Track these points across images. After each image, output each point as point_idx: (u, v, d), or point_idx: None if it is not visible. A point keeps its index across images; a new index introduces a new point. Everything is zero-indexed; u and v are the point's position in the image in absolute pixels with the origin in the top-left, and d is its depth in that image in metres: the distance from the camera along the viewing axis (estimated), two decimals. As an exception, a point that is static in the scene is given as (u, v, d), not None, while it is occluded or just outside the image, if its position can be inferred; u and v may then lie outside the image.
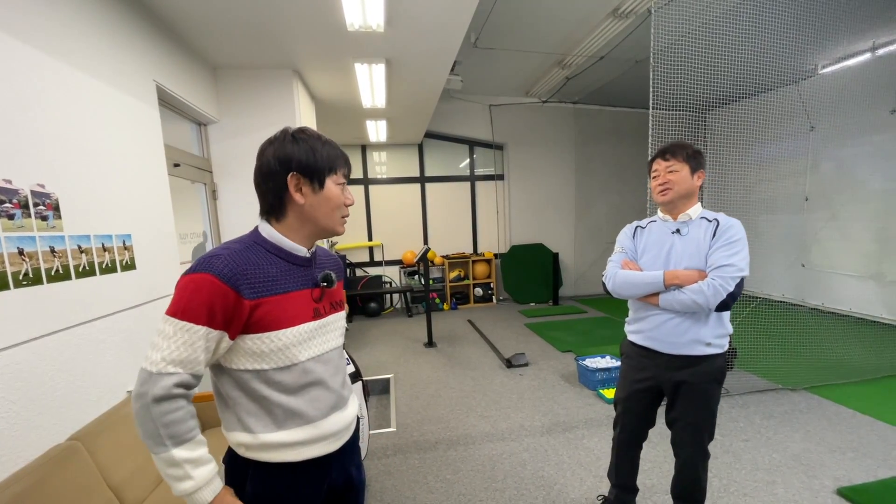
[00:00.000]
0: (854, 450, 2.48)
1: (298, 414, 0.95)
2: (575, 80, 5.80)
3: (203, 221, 3.31)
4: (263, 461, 0.95)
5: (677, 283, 1.51)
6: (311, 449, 0.98)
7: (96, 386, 1.76)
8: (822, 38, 3.80)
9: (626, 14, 3.96)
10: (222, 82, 3.32)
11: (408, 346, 4.91)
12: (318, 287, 1.01)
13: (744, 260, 1.47)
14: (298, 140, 0.94)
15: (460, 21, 2.83)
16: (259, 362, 0.90)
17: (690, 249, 1.55)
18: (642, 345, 1.67)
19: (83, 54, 1.83)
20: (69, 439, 1.53)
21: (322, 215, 0.97)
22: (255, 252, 0.93)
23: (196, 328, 0.83)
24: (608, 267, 1.73)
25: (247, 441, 0.94)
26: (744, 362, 3.69)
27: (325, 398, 1.00)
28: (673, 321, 1.56)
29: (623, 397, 1.81)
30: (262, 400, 0.93)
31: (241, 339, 0.89)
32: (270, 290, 0.91)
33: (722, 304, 1.45)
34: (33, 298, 1.47)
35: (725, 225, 1.53)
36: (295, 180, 0.93)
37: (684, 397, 1.61)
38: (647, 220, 1.76)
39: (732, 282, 1.44)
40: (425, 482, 2.37)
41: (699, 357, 1.56)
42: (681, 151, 1.58)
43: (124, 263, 1.98)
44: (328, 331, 1.03)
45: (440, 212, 7.17)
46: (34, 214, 1.48)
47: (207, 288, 0.84)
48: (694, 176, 1.58)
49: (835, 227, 5.24)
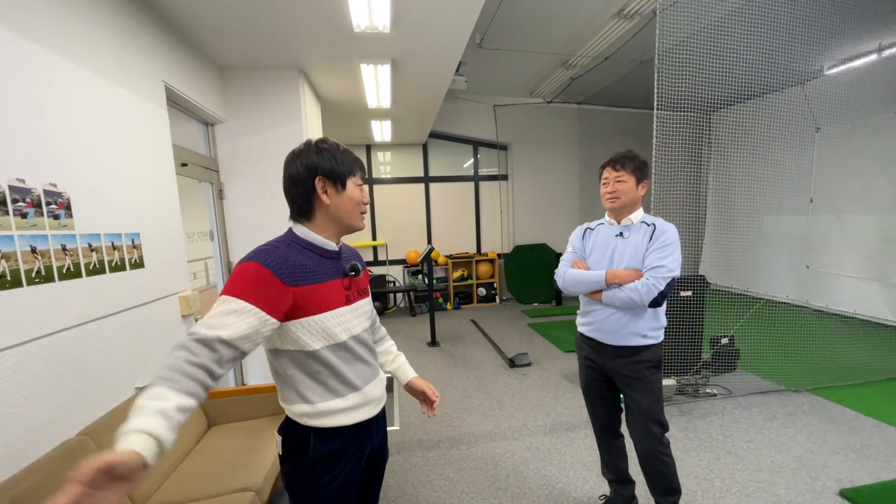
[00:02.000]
0: (857, 451, 2.48)
1: (348, 383, 1.12)
2: (579, 80, 5.81)
3: (210, 221, 3.34)
4: (323, 426, 1.10)
5: (617, 281, 1.68)
6: (360, 412, 1.15)
7: (106, 382, 1.79)
8: (828, 39, 3.79)
9: (632, 15, 3.97)
10: (229, 82, 3.35)
11: (411, 345, 4.94)
12: (346, 276, 1.16)
13: (675, 262, 1.64)
14: (322, 150, 1.09)
15: (466, 22, 2.85)
16: (312, 343, 1.05)
17: (630, 251, 1.71)
18: (590, 336, 1.84)
19: (94, 55, 1.86)
20: (79, 434, 1.55)
21: (345, 213, 1.12)
22: (293, 248, 1.07)
23: (251, 307, 0.94)
24: (560, 265, 1.90)
25: (308, 410, 1.09)
26: (747, 363, 3.69)
27: (365, 370, 1.17)
28: (615, 315, 1.72)
29: (584, 385, 1.96)
30: (317, 374, 1.08)
31: (289, 323, 1.03)
32: (309, 279, 1.05)
33: (654, 301, 1.62)
34: (45, 296, 1.49)
35: (661, 229, 1.69)
36: (321, 183, 1.08)
37: (630, 386, 1.77)
38: (596, 222, 1.92)
39: (664, 281, 1.61)
40: (428, 480, 2.38)
41: (637, 347, 1.73)
42: (630, 163, 1.74)
43: (133, 262, 2.01)
44: (359, 314, 1.18)
45: (444, 212, 7.19)
46: (46, 213, 1.51)
47: (261, 274, 0.97)
48: (639, 186, 1.75)
49: (839, 228, 5.22)
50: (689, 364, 3.38)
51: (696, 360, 3.42)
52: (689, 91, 3.38)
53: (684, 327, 3.33)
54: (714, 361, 3.56)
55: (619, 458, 1.99)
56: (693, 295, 3.38)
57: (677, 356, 3.33)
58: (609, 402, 1.93)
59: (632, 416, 1.81)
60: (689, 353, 3.36)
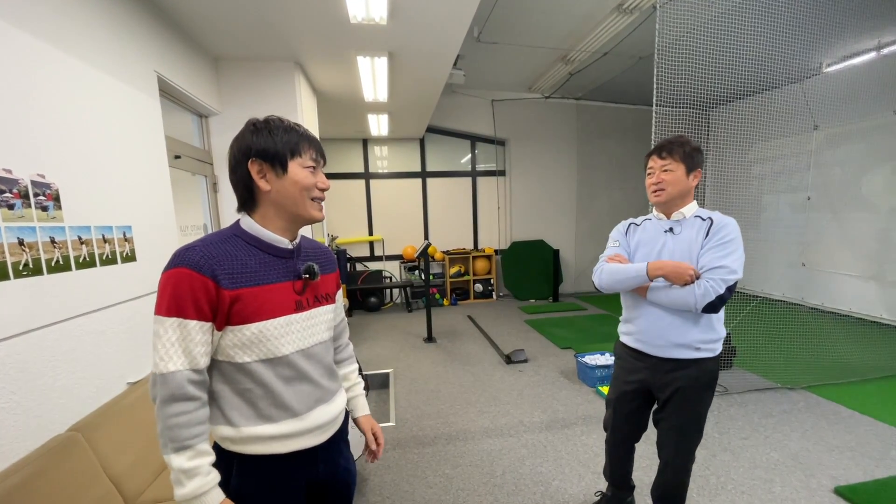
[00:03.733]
0: (852, 449, 2.49)
1: (284, 407, 0.95)
2: (578, 75, 5.77)
3: (203, 214, 3.30)
4: (249, 454, 0.95)
5: (661, 273, 1.45)
6: (298, 441, 0.98)
7: (97, 377, 1.76)
8: (827, 37, 3.77)
9: (631, 10, 3.93)
10: (224, 73, 3.30)
11: (407, 341, 4.92)
12: (299, 279, 1.00)
13: (737, 261, 1.42)
14: (259, 129, 0.94)
15: (464, 15, 2.81)
16: (241, 355, 0.91)
17: (682, 248, 1.51)
18: (633, 346, 1.65)
19: (84, 44, 1.82)
20: (69, 430, 1.53)
21: (289, 200, 0.96)
22: (234, 244, 0.93)
23: (186, 322, 0.84)
24: (599, 262, 1.69)
25: (230, 434, 0.94)
26: (743, 361, 3.69)
27: (311, 392, 1.00)
28: (663, 321, 1.51)
29: (613, 398, 1.78)
30: (246, 393, 0.93)
31: (224, 330, 0.90)
32: (249, 281, 0.91)
33: (709, 305, 1.40)
34: (34, 289, 1.46)
35: (719, 224, 1.47)
36: (257, 166, 0.93)
37: (673, 401, 1.58)
38: (642, 217, 1.72)
39: (724, 284, 1.39)
40: (424, 477, 2.37)
41: (688, 360, 1.52)
42: (678, 149, 1.51)
43: (125, 255, 1.98)
44: (312, 324, 1.01)
45: (441, 207, 7.15)
46: (34, 205, 1.48)
47: (187, 281, 0.84)
48: (690, 176, 1.52)
49: (836, 226, 5.23)
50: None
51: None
52: (688, 87, 3.36)
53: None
54: (710, 358, 3.56)
55: (628, 466, 1.90)
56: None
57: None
58: (636, 423, 1.76)
59: (663, 428, 1.64)
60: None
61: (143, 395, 1.90)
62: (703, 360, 1.52)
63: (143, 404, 1.86)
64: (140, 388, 1.94)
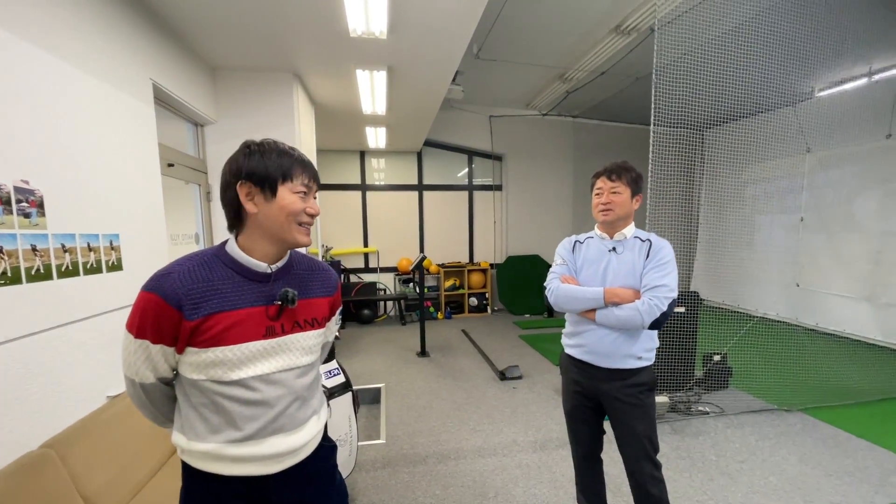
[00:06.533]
0: (850, 475, 2.44)
1: (236, 427, 0.94)
2: (575, 94, 5.84)
3: (196, 223, 3.25)
4: (195, 467, 0.97)
5: (617, 300, 1.58)
6: (244, 467, 0.96)
7: (74, 390, 1.69)
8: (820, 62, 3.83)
9: (629, 31, 3.99)
10: (221, 83, 3.29)
11: (400, 354, 4.85)
12: (272, 304, 0.97)
13: (674, 280, 1.57)
14: (252, 152, 0.94)
15: (464, 31, 2.83)
16: (199, 373, 0.92)
17: (626, 268, 1.63)
18: (580, 358, 1.73)
19: (76, 49, 1.79)
20: (42, 446, 1.46)
21: (276, 225, 0.95)
22: (211, 266, 0.94)
23: (149, 346, 0.90)
24: (549, 278, 1.77)
25: (181, 443, 0.96)
26: (739, 381, 3.66)
27: (269, 418, 0.96)
28: (610, 337, 1.63)
29: (569, 409, 1.84)
30: (199, 407, 0.95)
31: (185, 352, 0.92)
32: (218, 306, 0.91)
33: (655, 322, 1.53)
34: (9, 298, 1.41)
35: (657, 246, 1.62)
36: (245, 189, 0.93)
37: (624, 411, 1.67)
38: (584, 235, 1.80)
39: (666, 301, 1.53)
40: (414, 497, 2.30)
41: (632, 370, 1.64)
42: (626, 174, 1.65)
43: (110, 264, 1.92)
44: (283, 350, 0.98)
45: (437, 220, 7.14)
46: (16, 211, 1.43)
47: (154, 309, 0.88)
48: (633, 199, 1.66)
49: (830, 247, 5.25)
50: (682, 381, 3.34)
51: (689, 377, 3.38)
52: (685, 108, 3.39)
53: (678, 344, 3.29)
54: (706, 379, 3.53)
55: (599, 484, 1.91)
56: (686, 311, 3.35)
57: (670, 373, 3.29)
58: (595, 427, 1.83)
59: (624, 441, 1.71)
60: (682, 369, 3.33)
61: (123, 409, 1.82)
62: (643, 369, 1.66)
63: (123, 419, 1.79)
64: (120, 402, 1.87)
